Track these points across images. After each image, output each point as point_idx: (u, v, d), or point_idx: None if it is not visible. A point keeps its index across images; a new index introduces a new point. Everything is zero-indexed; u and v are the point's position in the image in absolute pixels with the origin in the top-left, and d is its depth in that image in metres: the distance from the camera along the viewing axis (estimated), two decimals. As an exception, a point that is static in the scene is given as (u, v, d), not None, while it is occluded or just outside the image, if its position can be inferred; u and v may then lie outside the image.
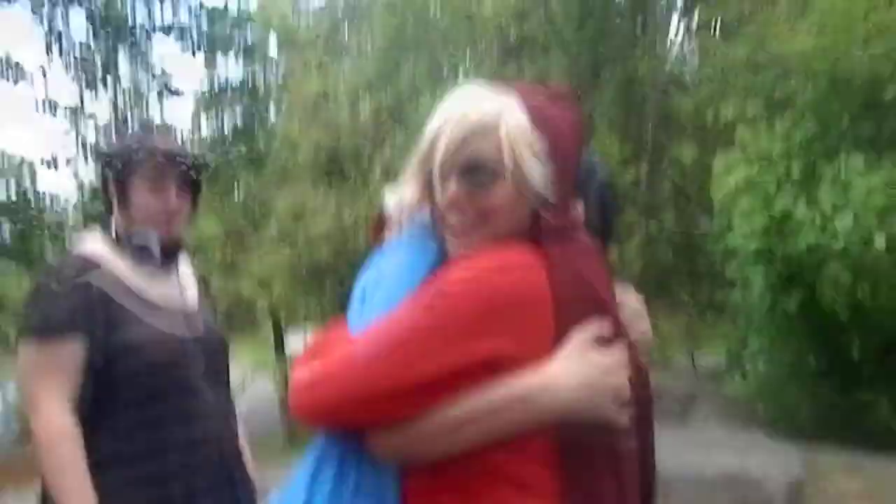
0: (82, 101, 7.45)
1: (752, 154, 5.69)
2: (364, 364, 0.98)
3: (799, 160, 5.45)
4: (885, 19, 5.33)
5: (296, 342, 15.49)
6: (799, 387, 6.15)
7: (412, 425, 0.99)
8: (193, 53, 7.87)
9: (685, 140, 10.39)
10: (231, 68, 8.52)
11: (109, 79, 7.39)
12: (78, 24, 7.40)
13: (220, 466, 1.75)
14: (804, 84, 5.80)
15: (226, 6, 7.80)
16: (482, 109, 1.06)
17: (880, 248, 4.45)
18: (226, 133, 8.50)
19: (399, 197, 1.16)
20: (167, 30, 7.73)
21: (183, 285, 1.86)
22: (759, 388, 6.12)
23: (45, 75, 7.24)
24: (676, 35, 10.50)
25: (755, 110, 6.14)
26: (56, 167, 7.31)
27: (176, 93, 7.81)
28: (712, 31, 10.04)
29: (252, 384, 11.83)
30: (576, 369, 0.99)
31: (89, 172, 7.85)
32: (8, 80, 6.78)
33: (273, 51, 9.54)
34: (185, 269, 1.92)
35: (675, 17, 10.83)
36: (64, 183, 17.69)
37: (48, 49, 7.25)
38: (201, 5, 7.71)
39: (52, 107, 7.20)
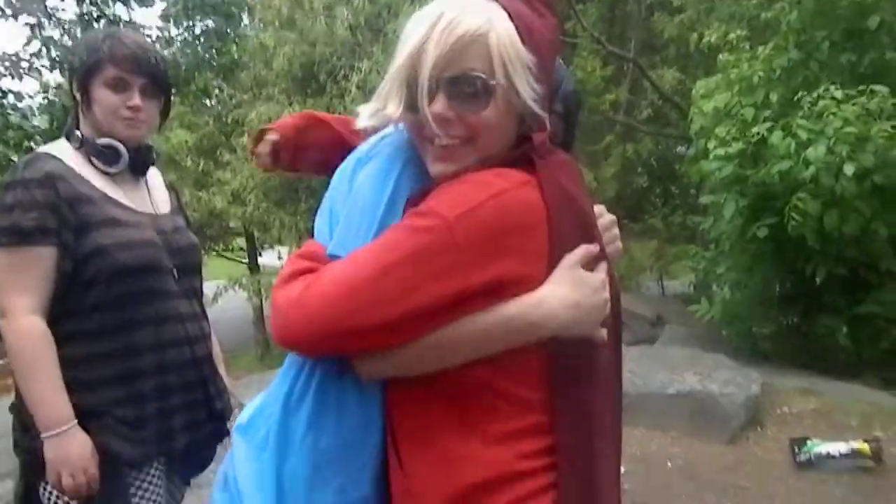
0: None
1: (732, 80, 5.66)
2: (356, 291, 0.93)
3: (779, 88, 5.43)
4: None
5: (269, 257, 15.53)
6: (763, 312, 6.32)
7: (403, 349, 0.97)
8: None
9: (668, 63, 10.28)
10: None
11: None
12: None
13: (192, 366, 1.77)
14: (789, 9, 5.72)
15: None
16: (470, 19, 0.99)
17: (849, 178, 4.51)
18: (197, 37, 8.20)
19: (375, 108, 1.06)
20: None
21: (152, 191, 1.83)
22: (725, 312, 6.27)
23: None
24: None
25: (738, 35, 6.07)
26: (19, 77, 7.07)
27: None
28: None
29: (224, 298, 11.89)
30: (568, 290, 0.99)
31: (55, 75, 7.62)
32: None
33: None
34: (156, 174, 1.88)
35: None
36: (28, 83, 17.12)
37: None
38: None
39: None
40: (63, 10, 7.51)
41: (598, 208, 1.17)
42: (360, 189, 1.05)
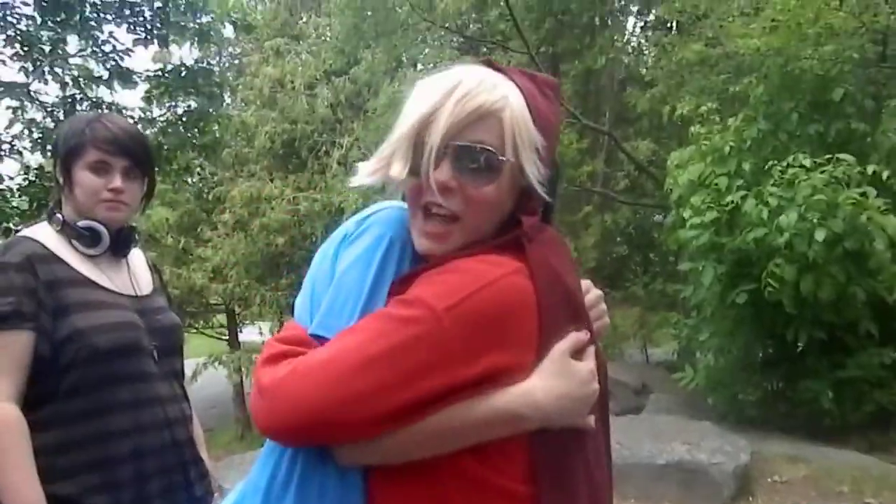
0: (28, 83, 7.22)
1: (705, 150, 5.81)
2: (340, 384, 0.89)
3: (750, 157, 5.59)
4: (834, 22, 5.49)
5: (250, 333, 15.35)
6: (746, 378, 6.31)
7: (384, 438, 0.93)
8: (145, 45, 7.68)
9: (641, 135, 10.56)
10: (185, 51, 8.33)
11: (58, 61, 7.16)
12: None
13: (172, 450, 1.73)
14: (756, 82, 5.93)
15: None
16: (487, 93, 0.98)
17: (821, 244, 4.59)
18: (179, 117, 8.31)
19: (375, 167, 1.04)
20: (118, 18, 7.54)
21: (134, 271, 1.82)
22: (709, 379, 6.26)
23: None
24: (634, 32, 10.65)
25: (709, 107, 6.27)
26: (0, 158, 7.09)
27: (127, 75, 7.62)
28: (669, 28, 10.21)
29: (204, 376, 11.68)
30: (556, 381, 0.97)
31: (36, 156, 7.65)
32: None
33: (229, 32, 9.30)
34: (138, 255, 1.88)
35: (632, 15, 10.98)
36: (8, 164, 17.13)
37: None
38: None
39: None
40: (46, 93, 7.55)
41: (585, 283, 1.15)
42: (345, 269, 1.03)
